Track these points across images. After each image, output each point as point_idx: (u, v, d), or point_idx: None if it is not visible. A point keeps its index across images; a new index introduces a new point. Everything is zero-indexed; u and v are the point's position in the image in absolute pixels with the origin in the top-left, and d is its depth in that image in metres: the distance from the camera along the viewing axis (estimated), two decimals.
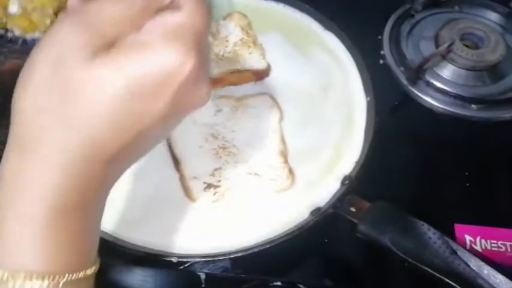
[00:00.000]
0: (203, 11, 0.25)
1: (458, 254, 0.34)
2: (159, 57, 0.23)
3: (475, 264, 0.33)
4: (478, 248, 0.45)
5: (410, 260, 0.34)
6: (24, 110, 0.24)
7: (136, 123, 0.24)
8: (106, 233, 0.39)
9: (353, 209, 0.39)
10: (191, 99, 0.26)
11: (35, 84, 0.23)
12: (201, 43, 0.24)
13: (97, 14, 0.23)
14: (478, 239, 0.46)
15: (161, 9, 0.24)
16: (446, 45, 0.55)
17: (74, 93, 0.23)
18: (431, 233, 0.35)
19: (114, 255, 0.39)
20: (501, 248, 0.45)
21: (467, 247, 0.45)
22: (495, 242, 0.46)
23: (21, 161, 0.24)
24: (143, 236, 0.39)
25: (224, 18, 0.51)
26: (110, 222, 0.40)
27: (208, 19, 0.25)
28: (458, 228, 0.46)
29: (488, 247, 0.45)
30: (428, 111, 0.54)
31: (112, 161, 0.25)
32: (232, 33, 0.51)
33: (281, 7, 0.56)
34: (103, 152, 0.24)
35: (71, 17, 0.23)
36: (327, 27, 0.54)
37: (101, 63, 0.22)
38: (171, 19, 0.24)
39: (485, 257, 0.34)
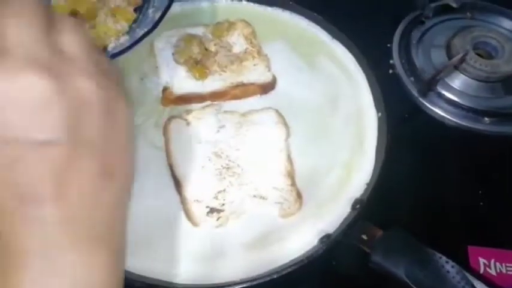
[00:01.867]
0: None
1: None
2: None
3: None
4: (492, 271, 0.44)
5: None
6: None
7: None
8: None
9: (364, 237, 0.37)
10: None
11: None
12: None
13: None
14: (492, 262, 0.44)
15: None
16: (459, 56, 0.52)
17: None
18: (449, 267, 0.33)
19: None
20: None
21: (481, 270, 0.43)
22: (510, 265, 0.44)
23: None
24: (141, 264, 0.37)
25: (227, 28, 0.49)
26: None
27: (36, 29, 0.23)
28: (472, 250, 0.44)
29: (504, 271, 0.44)
30: (440, 124, 0.52)
31: None
32: (236, 43, 0.49)
33: (287, 15, 0.53)
34: None
35: None
36: (335, 36, 0.52)
37: None
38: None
39: None
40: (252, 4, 0.54)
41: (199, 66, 0.46)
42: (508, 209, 0.47)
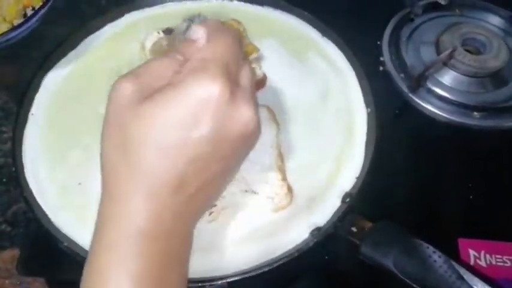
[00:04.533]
0: (227, 40, 0.30)
1: (465, 278, 0.32)
2: (188, 90, 0.27)
3: None
4: (482, 263, 0.44)
5: (414, 285, 0.33)
6: (101, 155, 0.29)
7: (184, 151, 0.27)
8: None
9: (354, 229, 0.37)
10: (232, 124, 0.28)
11: (105, 134, 0.29)
12: (229, 69, 0.29)
13: (143, 70, 0.30)
14: (482, 253, 0.45)
15: (196, 51, 0.30)
16: (448, 52, 0.53)
17: (126, 136, 0.28)
18: (436, 256, 0.33)
19: None
20: (506, 263, 0.44)
21: (472, 262, 0.44)
22: (500, 256, 0.44)
23: (107, 205, 0.29)
24: None
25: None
26: None
27: (231, 47, 0.30)
28: (462, 242, 0.45)
29: (493, 262, 0.44)
30: (430, 119, 0.53)
31: (177, 192, 0.28)
32: None
33: (278, 13, 0.54)
34: (162, 182, 0.28)
35: (124, 76, 0.30)
36: (325, 33, 0.53)
37: (146, 106, 0.28)
38: (200, 55, 0.29)
39: (493, 281, 0.32)
40: (243, 3, 0.54)
41: None
42: (498, 202, 0.48)
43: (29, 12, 0.50)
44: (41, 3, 0.48)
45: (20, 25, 0.46)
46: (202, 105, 0.27)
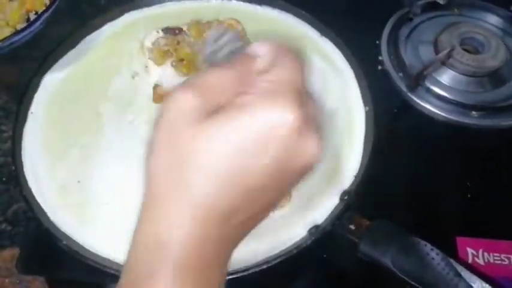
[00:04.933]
0: (297, 65, 0.26)
1: (463, 275, 0.32)
2: (257, 114, 0.24)
3: (479, 286, 0.32)
4: (480, 261, 0.44)
5: (412, 282, 0.33)
6: (149, 173, 0.26)
7: (242, 180, 0.25)
8: (99, 256, 0.38)
9: (352, 227, 0.38)
10: (297, 155, 0.26)
11: (155, 148, 0.26)
12: (302, 97, 0.26)
13: (207, 83, 0.26)
14: (480, 252, 0.45)
15: (261, 71, 0.26)
16: (446, 51, 0.53)
17: (182, 156, 0.25)
18: (434, 254, 0.34)
19: (105, 275, 0.38)
20: (504, 261, 0.44)
21: (470, 260, 0.44)
22: (498, 255, 0.45)
23: (147, 229, 0.26)
24: None
25: (213, 27, 0.49)
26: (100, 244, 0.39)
27: (303, 73, 0.27)
28: (460, 241, 0.45)
29: (491, 260, 0.44)
30: (429, 119, 0.53)
31: (226, 221, 0.26)
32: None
33: (276, 13, 0.54)
34: (210, 212, 0.25)
35: (185, 86, 0.26)
36: (324, 33, 0.53)
37: (207, 126, 0.25)
38: (269, 77, 0.26)
39: (490, 278, 0.33)
40: (242, 3, 0.55)
41: (185, 63, 0.47)
42: (496, 201, 0.48)
43: (32, 16, 0.50)
44: (43, 8, 0.48)
45: (23, 29, 0.46)
46: (270, 133, 0.24)
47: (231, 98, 0.26)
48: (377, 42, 0.58)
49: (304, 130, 0.25)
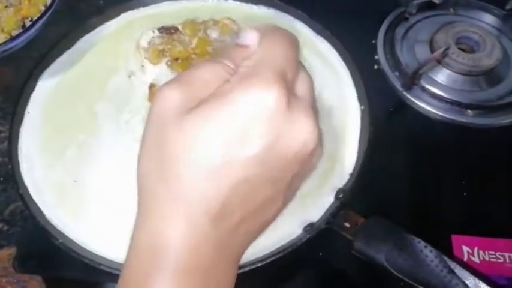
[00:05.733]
0: (278, 44, 0.26)
1: (456, 272, 0.32)
2: (237, 101, 0.24)
3: (473, 283, 0.32)
4: (475, 259, 0.44)
5: (406, 279, 0.33)
6: (138, 173, 0.26)
7: (229, 173, 0.24)
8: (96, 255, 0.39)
9: (347, 225, 0.38)
10: (288, 140, 0.24)
11: (144, 147, 0.26)
12: (285, 76, 0.25)
13: (190, 77, 0.26)
14: (475, 250, 0.45)
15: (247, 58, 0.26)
16: (441, 50, 0.53)
17: (169, 153, 0.24)
18: (428, 251, 0.34)
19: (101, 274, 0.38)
20: (499, 259, 0.44)
21: (465, 258, 0.44)
22: (493, 253, 0.45)
23: (141, 232, 0.26)
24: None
25: (209, 26, 0.50)
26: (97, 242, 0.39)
27: (288, 51, 0.26)
28: (456, 239, 0.45)
29: (487, 258, 0.44)
30: (424, 117, 0.53)
31: (222, 219, 0.24)
32: (217, 40, 0.49)
33: (272, 12, 0.54)
34: (202, 209, 0.24)
35: (171, 82, 0.26)
36: (319, 32, 0.53)
37: (190, 121, 0.24)
38: (249, 62, 0.25)
39: (484, 275, 0.33)
40: (238, 3, 0.55)
41: (179, 62, 0.47)
42: (491, 199, 0.48)
43: (27, 22, 0.50)
44: (39, 14, 0.48)
45: (17, 36, 0.46)
46: (253, 119, 0.23)
47: (215, 87, 0.25)
48: (373, 41, 0.58)
49: (291, 111, 0.24)
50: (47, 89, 0.48)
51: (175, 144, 0.24)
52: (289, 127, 0.24)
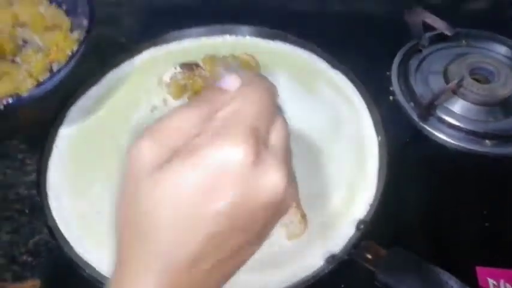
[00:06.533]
0: (254, 95, 0.26)
1: None
2: (206, 157, 0.24)
3: None
4: None
5: None
6: (116, 225, 0.27)
7: (199, 227, 0.25)
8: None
9: (369, 256, 0.38)
10: (255, 192, 0.25)
11: (122, 200, 0.26)
12: (256, 129, 0.25)
13: (165, 126, 0.26)
14: (501, 282, 0.44)
15: (224, 105, 0.26)
16: (456, 81, 0.54)
17: (139, 206, 0.25)
18: (453, 282, 0.33)
19: None
20: None
21: None
22: None
23: (117, 281, 0.26)
24: None
25: (228, 61, 0.52)
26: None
27: (262, 102, 0.27)
28: (480, 271, 0.44)
29: None
30: (442, 147, 0.53)
31: (192, 267, 0.25)
32: None
33: (288, 47, 0.56)
34: (174, 260, 0.25)
35: (144, 133, 0.26)
36: (334, 65, 0.55)
37: (160, 175, 0.25)
38: (223, 114, 0.26)
39: None
40: (255, 39, 0.57)
41: None
42: None
43: (55, 67, 0.50)
44: (67, 58, 0.49)
45: (45, 82, 0.46)
46: (221, 174, 0.24)
47: (189, 139, 0.25)
48: (387, 73, 0.59)
49: (259, 163, 0.25)
50: (74, 123, 0.51)
51: (147, 201, 0.25)
52: (257, 181, 0.25)
